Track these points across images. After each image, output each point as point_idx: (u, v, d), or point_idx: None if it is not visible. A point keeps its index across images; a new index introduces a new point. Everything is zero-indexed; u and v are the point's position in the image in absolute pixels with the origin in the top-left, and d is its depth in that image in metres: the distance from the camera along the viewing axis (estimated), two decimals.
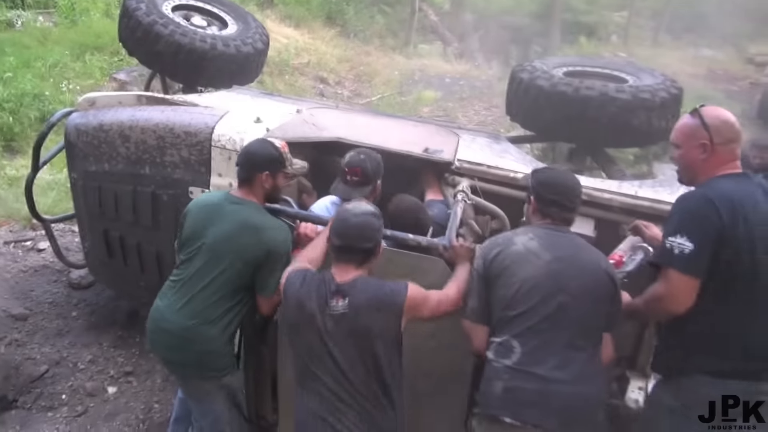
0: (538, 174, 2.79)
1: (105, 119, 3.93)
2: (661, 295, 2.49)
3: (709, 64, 16.61)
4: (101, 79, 10.18)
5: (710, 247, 2.39)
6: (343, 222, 2.53)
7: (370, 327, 2.44)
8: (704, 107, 2.59)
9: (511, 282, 2.47)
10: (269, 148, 3.02)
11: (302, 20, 15.16)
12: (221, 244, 2.90)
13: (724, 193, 2.44)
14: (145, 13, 4.79)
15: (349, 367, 2.44)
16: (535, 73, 4.32)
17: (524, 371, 2.37)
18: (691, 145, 2.56)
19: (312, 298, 2.50)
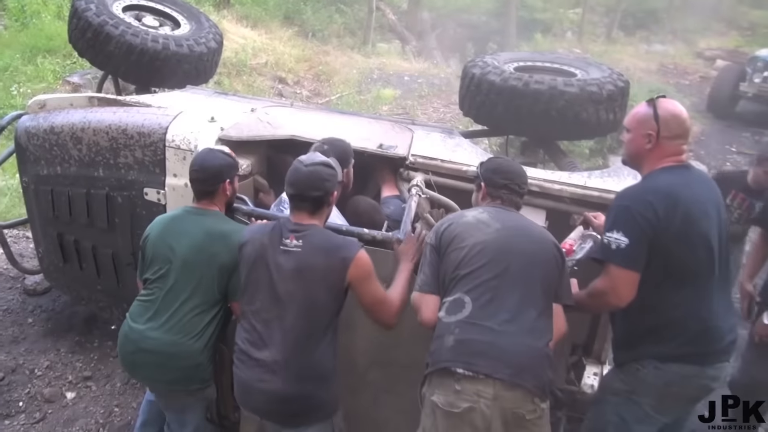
0: (488, 163, 2.91)
1: (56, 121, 3.88)
2: (603, 289, 2.59)
3: (660, 59, 17.01)
4: (54, 82, 10.00)
5: (645, 242, 2.49)
6: (294, 172, 2.65)
7: (315, 268, 2.58)
8: (662, 99, 2.68)
9: (462, 246, 2.54)
10: (222, 156, 3.03)
11: (259, 20, 15.08)
12: (192, 256, 2.89)
13: (661, 187, 2.55)
14: (95, 13, 4.72)
15: (287, 301, 2.58)
16: (487, 68, 4.39)
17: (476, 324, 2.41)
18: (639, 132, 2.65)
19: (266, 234, 2.68)
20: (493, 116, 4.38)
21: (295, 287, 2.58)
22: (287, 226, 2.67)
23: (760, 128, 12.34)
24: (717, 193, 2.71)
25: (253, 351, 2.63)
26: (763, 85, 11.83)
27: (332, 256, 2.59)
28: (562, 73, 4.56)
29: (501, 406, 2.32)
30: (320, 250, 2.60)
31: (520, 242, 2.55)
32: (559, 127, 4.19)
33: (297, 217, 2.69)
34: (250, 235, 2.75)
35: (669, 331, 2.60)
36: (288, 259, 2.60)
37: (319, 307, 2.60)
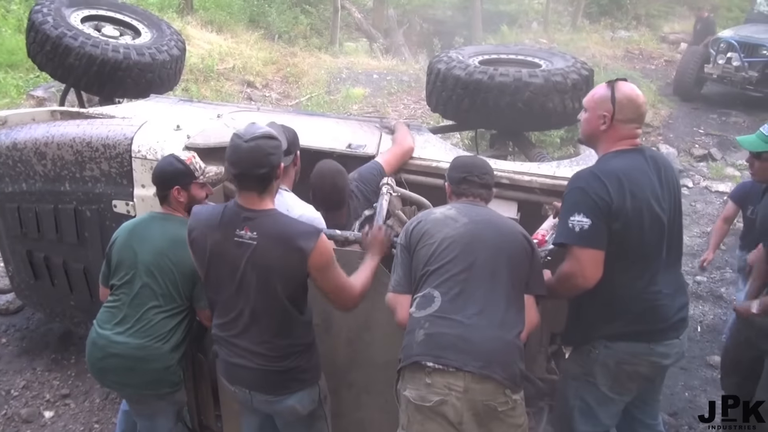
0: (452, 162, 2.93)
1: (18, 137, 3.82)
2: (571, 272, 2.60)
3: (625, 45, 17.17)
4: (18, 97, 9.84)
5: (604, 220, 2.54)
6: (234, 149, 2.48)
7: (272, 262, 2.48)
8: (620, 82, 2.70)
9: (431, 242, 2.55)
10: (174, 163, 3.01)
11: (224, 25, 14.97)
12: (156, 261, 2.90)
13: (612, 170, 2.59)
14: (52, 26, 4.66)
15: (251, 292, 2.52)
16: (452, 63, 4.40)
17: (444, 317, 2.41)
18: (595, 113, 2.69)
19: (217, 227, 2.55)
20: (460, 111, 4.38)
21: (255, 279, 2.51)
22: (240, 214, 2.52)
23: (726, 109, 12.54)
24: (672, 174, 2.76)
25: (231, 338, 2.63)
26: (726, 66, 12.01)
27: (289, 247, 2.47)
28: (526, 65, 4.58)
29: (472, 398, 2.33)
30: (276, 241, 2.49)
31: (488, 235, 2.55)
32: (526, 118, 4.21)
33: (245, 199, 2.53)
34: (196, 222, 2.63)
35: (617, 310, 2.67)
36: (244, 252, 2.50)
37: (283, 296, 2.53)
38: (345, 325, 3.13)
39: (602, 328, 2.70)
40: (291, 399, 2.67)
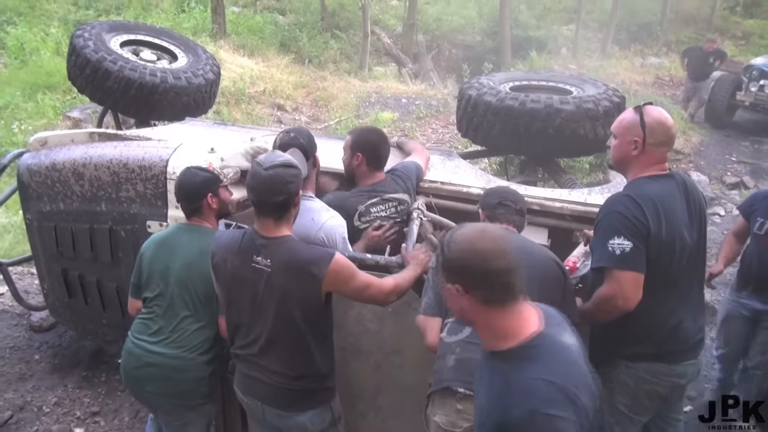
0: (484, 192, 3.00)
1: (57, 158, 3.91)
2: (611, 295, 2.59)
3: (656, 71, 17.10)
4: (54, 118, 10.08)
5: (644, 243, 2.54)
6: (254, 176, 2.54)
7: (286, 289, 2.52)
8: (648, 106, 2.71)
9: None
10: (199, 173, 3.08)
11: (256, 49, 15.21)
12: (187, 274, 2.95)
13: (646, 195, 2.59)
14: (93, 50, 4.79)
15: (270, 317, 2.56)
16: (483, 89, 4.43)
17: (475, 343, 2.35)
18: (626, 139, 2.69)
19: (236, 252, 2.60)
20: (490, 136, 4.40)
21: (273, 305, 2.55)
22: (256, 241, 2.58)
23: (759, 136, 12.38)
24: (700, 200, 2.76)
25: (250, 356, 2.66)
26: (759, 94, 11.89)
27: (302, 275, 2.52)
28: (558, 91, 4.59)
29: None
30: (289, 269, 2.53)
31: (522, 262, 2.53)
32: (557, 144, 4.22)
33: (262, 226, 2.59)
34: (217, 247, 2.69)
35: (641, 334, 2.68)
36: (260, 278, 2.55)
37: (301, 321, 2.55)
38: (374, 349, 3.14)
39: (624, 349, 2.72)
40: (302, 416, 2.69)
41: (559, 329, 1.83)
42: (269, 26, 17.47)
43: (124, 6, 17.88)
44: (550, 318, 1.84)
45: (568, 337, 1.81)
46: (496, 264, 1.73)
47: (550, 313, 1.88)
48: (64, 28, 13.97)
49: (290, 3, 20.56)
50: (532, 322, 1.79)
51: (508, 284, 1.76)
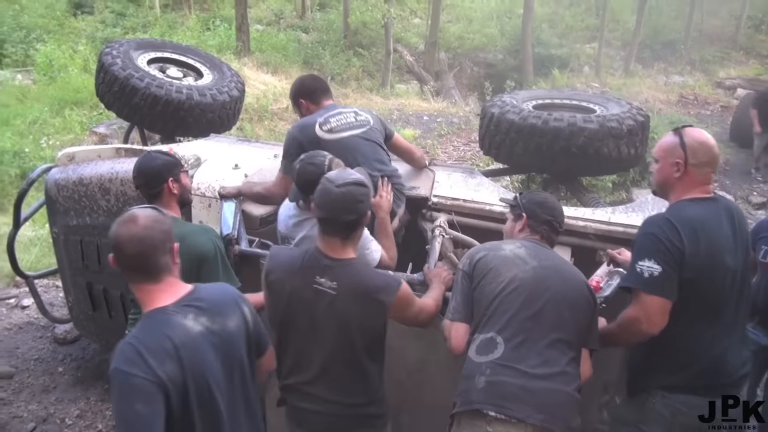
0: (532, 195, 2.86)
1: (84, 173, 3.98)
2: (636, 317, 2.54)
3: (680, 90, 16.94)
4: (81, 133, 10.25)
5: (676, 269, 2.47)
6: (325, 193, 2.47)
7: (351, 314, 2.46)
8: (688, 128, 2.66)
9: (498, 280, 2.50)
10: (160, 156, 3.03)
11: (279, 66, 15.39)
12: None
13: (686, 218, 2.52)
14: (121, 67, 4.87)
15: (326, 340, 2.49)
16: (505, 107, 4.43)
17: (508, 366, 2.37)
18: (667, 161, 2.63)
19: (297, 271, 2.52)
20: (513, 155, 4.40)
21: (332, 330, 2.48)
22: (320, 261, 2.50)
23: None
24: (743, 225, 2.68)
25: (302, 385, 2.57)
26: None
27: (370, 301, 2.47)
28: (581, 110, 4.58)
29: None
30: (356, 294, 2.46)
31: (555, 283, 2.50)
32: (580, 163, 4.20)
33: (328, 245, 2.51)
34: (274, 265, 2.60)
35: (681, 363, 2.59)
36: (322, 301, 2.47)
37: (360, 348, 2.50)
38: (397, 367, 3.12)
39: (662, 378, 2.62)
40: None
41: (191, 312, 2.07)
42: (292, 44, 17.69)
43: (151, 24, 18.21)
44: (194, 300, 2.10)
45: (193, 320, 2.05)
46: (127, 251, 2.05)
47: (201, 296, 2.13)
48: (91, 46, 14.26)
49: (313, 21, 20.82)
50: (162, 300, 2.07)
51: (140, 267, 2.07)
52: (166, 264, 2.11)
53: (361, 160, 3.35)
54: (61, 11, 19.04)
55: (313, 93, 3.65)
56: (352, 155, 3.34)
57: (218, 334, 2.09)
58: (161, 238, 2.10)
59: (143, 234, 2.06)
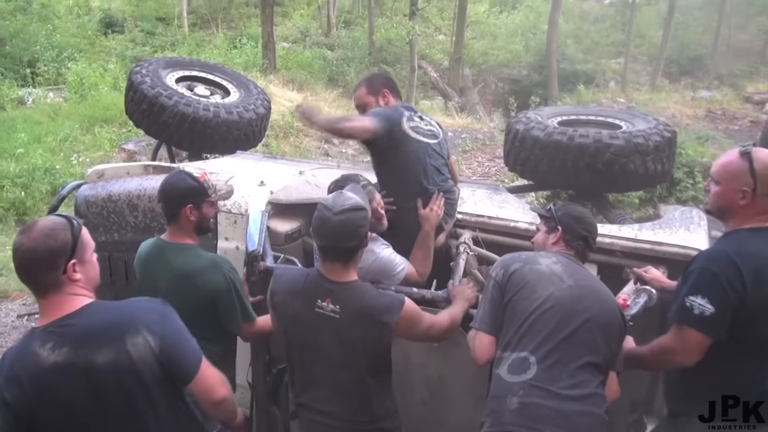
0: (568, 208, 2.81)
1: (113, 190, 4.04)
2: (673, 348, 2.48)
3: (707, 105, 16.79)
4: (110, 150, 10.42)
5: (730, 312, 2.36)
6: (323, 222, 2.43)
7: (355, 338, 2.44)
8: (756, 150, 2.45)
9: (534, 297, 2.45)
10: (187, 179, 2.95)
11: (305, 83, 15.55)
12: (172, 297, 2.77)
13: (750, 254, 2.39)
14: (150, 86, 4.95)
15: (332, 362, 2.48)
16: (530, 123, 4.42)
17: (540, 387, 2.33)
18: (733, 187, 2.45)
19: (299, 294, 2.51)
20: (538, 171, 4.37)
21: (338, 353, 2.46)
22: (322, 285, 2.47)
23: None
24: None
25: (314, 403, 2.56)
26: None
27: (374, 322, 2.45)
28: (607, 126, 4.55)
29: None
30: (360, 316, 2.44)
31: (590, 304, 2.45)
32: (606, 180, 4.16)
33: (329, 270, 2.48)
34: (278, 286, 2.58)
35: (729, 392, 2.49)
36: (325, 324, 2.45)
37: (365, 370, 2.49)
38: (419, 384, 3.12)
39: (705, 407, 2.51)
40: None
41: (51, 340, 1.93)
42: (318, 61, 17.87)
43: (179, 42, 18.51)
44: (64, 326, 1.96)
45: (50, 349, 1.92)
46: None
47: (75, 322, 1.97)
48: (121, 64, 14.54)
49: (339, 39, 21.03)
50: (43, 318, 1.98)
51: (24, 279, 2.00)
52: (51, 280, 1.96)
53: (429, 169, 3.36)
54: (93, 30, 19.51)
55: (395, 87, 3.69)
56: (422, 162, 3.35)
57: (80, 367, 1.91)
58: (46, 254, 1.95)
59: (27, 247, 1.94)
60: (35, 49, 15.77)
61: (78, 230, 2.05)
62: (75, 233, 2.03)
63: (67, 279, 1.99)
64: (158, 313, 2.08)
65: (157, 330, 2.01)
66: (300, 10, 24.85)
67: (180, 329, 2.10)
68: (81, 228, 2.07)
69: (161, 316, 2.07)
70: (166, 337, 2.03)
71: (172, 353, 2.03)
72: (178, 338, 2.08)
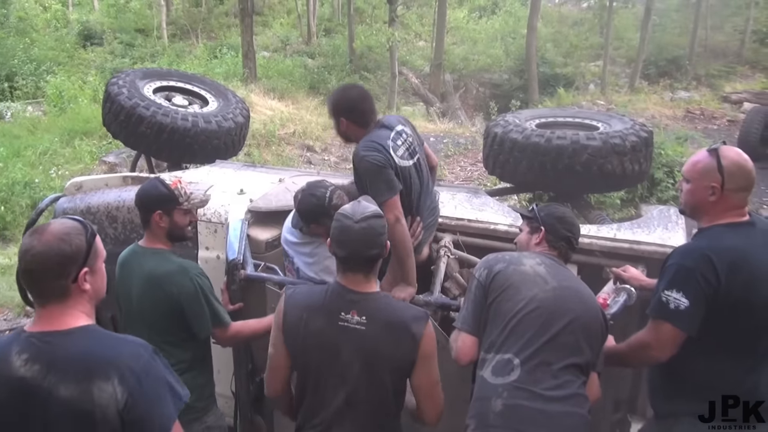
0: (551, 209, 2.79)
1: (92, 202, 4.01)
2: (648, 343, 2.50)
3: (686, 105, 16.98)
4: (91, 162, 10.36)
5: (705, 305, 2.38)
6: (344, 230, 2.32)
7: (383, 350, 2.31)
8: (724, 147, 2.50)
9: (518, 298, 2.45)
10: (159, 186, 2.94)
11: (286, 92, 15.54)
12: (138, 303, 2.88)
13: (724, 250, 2.41)
14: (127, 97, 4.92)
15: (352, 384, 2.34)
16: (509, 126, 4.44)
17: (525, 389, 2.33)
18: (702, 184, 2.48)
19: (319, 309, 2.36)
20: (517, 173, 4.40)
21: (359, 367, 2.32)
22: (345, 296, 2.35)
23: None
24: None
25: (320, 426, 2.42)
26: None
27: (402, 334, 2.32)
28: (584, 127, 4.59)
29: None
30: (388, 327, 2.32)
31: (573, 306, 2.45)
32: (584, 180, 4.19)
33: (351, 281, 2.36)
34: (292, 306, 2.42)
35: (710, 395, 2.50)
36: (348, 339, 2.31)
37: (390, 385, 2.37)
38: None
39: (692, 406, 2.53)
40: None
41: (28, 351, 1.81)
42: (299, 69, 17.89)
43: (159, 54, 18.46)
44: (46, 341, 1.82)
45: (23, 362, 1.79)
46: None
47: (59, 342, 1.82)
48: (101, 76, 14.48)
49: (319, 47, 21.06)
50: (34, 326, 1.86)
51: (27, 284, 1.88)
52: (58, 289, 1.83)
53: (414, 195, 3.25)
54: (71, 43, 19.42)
55: (362, 115, 3.26)
56: (411, 188, 3.23)
57: (43, 392, 1.77)
58: (58, 260, 1.81)
59: (38, 250, 1.80)
60: (13, 63, 15.67)
61: (92, 236, 1.92)
62: (89, 239, 1.89)
63: (77, 288, 1.86)
64: (142, 362, 1.83)
65: (130, 383, 1.78)
66: (280, 19, 24.88)
67: (156, 388, 1.84)
68: (95, 234, 1.94)
69: (144, 368, 1.82)
70: (137, 393, 1.78)
71: (137, 413, 1.79)
72: (150, 397, 1.82)
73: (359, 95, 3.32)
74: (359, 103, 3.28)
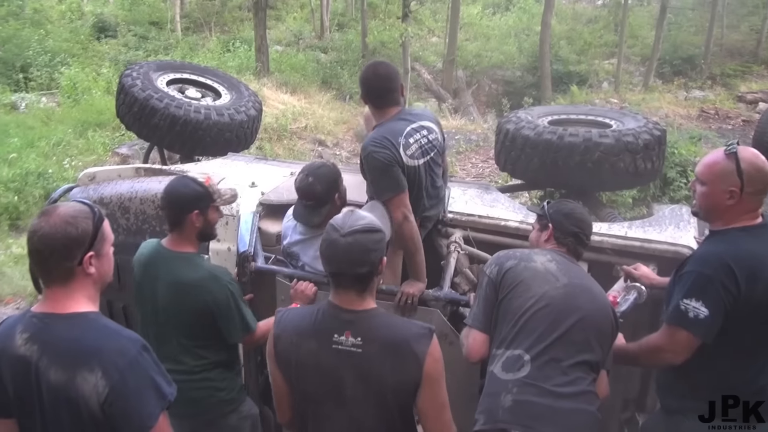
0: (559, 205, 2.78)
1: (105, 192, 4.03)
2: (662, 347, 2.50)
3: (700, 104, 16.86)
4: (104, 154, 10.41)
5: (724, 314, 2.36)
6: (330, 245, 2.10)
7: (384, 373, 2.10)
8: (742, 149, 2.42)
9: (528, 295, 2.44)
10: (192, 185, 2.86)
11: (298, 86, 15.56)
12: (166, 306, 2.84)
13: (743, 254, 2.38)
14: (140, 89, 4.95)
15: (352, 410, 2.16)
16: (521, 123, 4.43)
17: (534, 385, 2.33)
18: (719, 188, 2.42)
19: (310, 333, 2.16)
20: (529, 170, 4.38)
21: (362, 392, 2.13)
22: (338, 317, 2.13)
23: None
24: None
25: None
26: None
27: (403, 354, 2.10)
28: (596, 125, 4.56)
29: None
30: (387, 347, 2.10)
31: (584, 303, 2.45)
32: (595, 178, 4.17)
33: (342, 299, 2.14)
34: (282, 329, 2.22)
35: (725, 391, 2.50)
36: (345, 364, 2.11)
37: (395, 415, 2.18)
38: None
39: (702, 405, 2.52)
40: None
41: (29, 331, 1.86)
42: (311, 64, 17.89)
43: (172, 46, 18.51)
44: (45, 325, 1.86)
45: (24, 341, 1.85)
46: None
47: (59, 328, 1.85)
48: (114, 68, 14.55)
49: (332, 41, 21.05)
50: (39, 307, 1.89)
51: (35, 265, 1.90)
52: (63, 271, 1.85)
53: (427, 188, 3.22)
54: (85, 35, 19.49)
55: (378, 97, 3.18)
56: (418, 186, 3.18)
57: (41, 372, 1.80)
58: (64, 242, 1.82)
59: (45, 232, 1.81)
60: (28, 54, 15.74)
61: (100, 220, 1.91)
62: (97, 223, 1.90)
63: (82, 272, 1.87)
64: (128, 358, 1.81)
65: (114, 377, 1.77)
66: (293, 13, 24.88)
67: (140, 385, 1.82)
68: (103, 219, 1.94)
69: (129, 363, 1.80)
70: (119, 388, 1.77)
71: (117, 408, 1.78)
72: (132, 394, 1.80)
73: (374, 74, 3.17)
74: (373, 82, 3.16)
